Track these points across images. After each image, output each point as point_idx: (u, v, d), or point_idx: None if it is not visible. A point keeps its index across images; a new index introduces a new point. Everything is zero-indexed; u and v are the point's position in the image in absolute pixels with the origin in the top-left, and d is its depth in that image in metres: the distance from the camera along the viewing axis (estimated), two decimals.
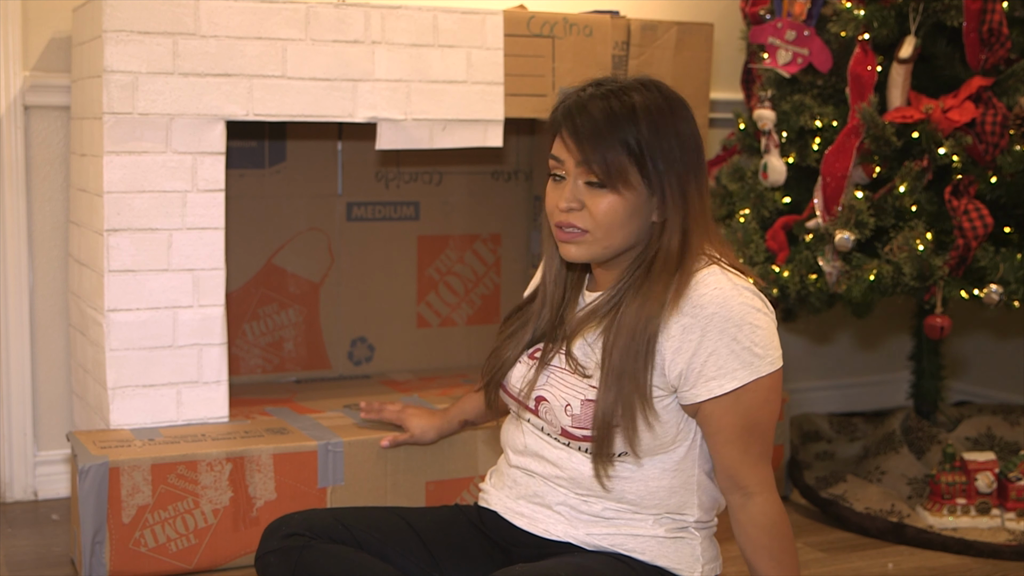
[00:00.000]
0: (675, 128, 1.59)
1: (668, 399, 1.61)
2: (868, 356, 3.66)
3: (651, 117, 1.57)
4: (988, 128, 2.47)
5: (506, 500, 1.74)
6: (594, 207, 1.59)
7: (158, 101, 2.28)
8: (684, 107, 1.62)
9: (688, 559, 1.66)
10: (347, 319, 2.97)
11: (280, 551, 1.72)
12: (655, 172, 1.57)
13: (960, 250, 2.44)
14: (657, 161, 1.57)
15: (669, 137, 1.58)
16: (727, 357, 1.55)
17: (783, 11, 2.74)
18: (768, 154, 2.72)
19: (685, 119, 1.61)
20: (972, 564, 2.40)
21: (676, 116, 1.60)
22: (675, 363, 1.57)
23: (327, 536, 1.73)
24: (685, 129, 1.60)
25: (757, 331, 1.56)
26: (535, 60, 2.57)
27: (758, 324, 1.57)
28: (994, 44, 2.51)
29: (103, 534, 2.13)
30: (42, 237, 2.69)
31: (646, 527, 1.65)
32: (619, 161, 1.57)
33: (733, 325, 1.55)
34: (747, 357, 1.56)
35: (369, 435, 2.34)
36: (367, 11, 2.41)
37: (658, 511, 1.65)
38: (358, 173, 2.95)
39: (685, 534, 1.66)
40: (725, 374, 1.56)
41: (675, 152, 1.58)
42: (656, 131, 1.57)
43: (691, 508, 1.66)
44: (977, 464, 2.57)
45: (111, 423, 2.31)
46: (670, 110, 1.60)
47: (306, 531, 1.73)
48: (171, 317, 2.34)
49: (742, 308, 1.56)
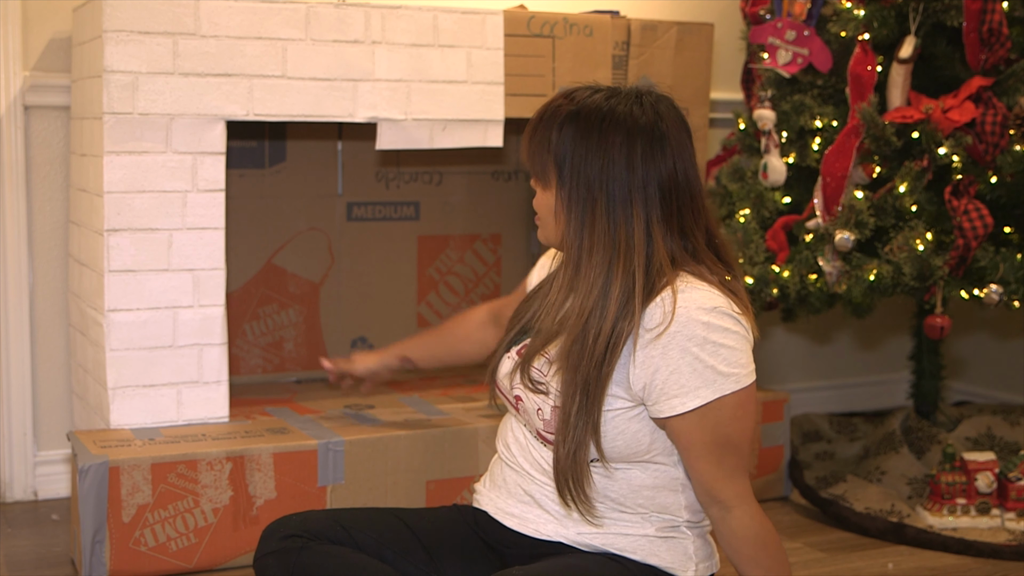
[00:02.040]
0: (607, 145, 1.55)
1: (637, 410, 1.59)
2: (868, 356, 3.66)
3: (581, 126, 1.57)
4: (988, 128, 2.47)
5: (496, 500, 1.74)
6: (536, 196, 1.65)
7: (158, 101, 2.28)
8: (645, 132, 1.56)
9: (681, 558, 1.65)
10: (347, 319, 2.97)
11: (278, 552, 1.72)
12: (569, 179, 1.57)
13: (960, 250, 2.44)
14: (567, 170, 1.57)
15: (593, 151, 1.56)
16: (689, 375, 1.53)
17: (783, 11, 2.74)
18: (768, 154, 2.72)
19: (631, 142, 1.55)
20: (972, 564, 2.40)
21: (616, 135, 1.55)
22: (639, 378, 1.55)
23: (325, 537, 1.73)
24: (623, 152, 1.55)
25: (721, 349, 1.53)
26: (535, 60, 2.58)
27: (723, 342, 1.53)
28: (994, 44, 2.51)
29: (103, 533, 2.13)
30: (42, 237, 2.69)
31: (636, 526, 1.64)
32: (540, 160, 1.60)
33: (695, 344, 1.52)
34: (710, 376, 1.53)
35: (370, 435, 2.34)
36: (367, 11, 2.41)
37: (645, 510, 1.64)
38: (358, 173, 2.95)
39: (676, 533, 1.65)
40: (687, 392, 1.53)
41: (595, 167, 1.56)
42: (578, 140, 1.56)
43: (678, 509, 1.65)
44: (977, 464, 2.57)
45: (111, 423, 2.32)
46: (613, 126, 1.55)
47: (304, 532, 1.73)
48: (171, 317, 2.34)
49: (705, 327, 1.53)
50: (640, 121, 1.56)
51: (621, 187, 1.55)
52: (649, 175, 1.55)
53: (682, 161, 1.58)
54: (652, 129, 1.56)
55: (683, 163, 1.58)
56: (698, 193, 1.60)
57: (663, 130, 1.56)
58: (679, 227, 1.58)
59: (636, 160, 1.55)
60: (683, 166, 1.58)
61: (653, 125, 1.56)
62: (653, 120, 1.56)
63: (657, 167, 1.55)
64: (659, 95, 1.61)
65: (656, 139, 1.55)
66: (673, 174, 1.56)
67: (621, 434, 1.59)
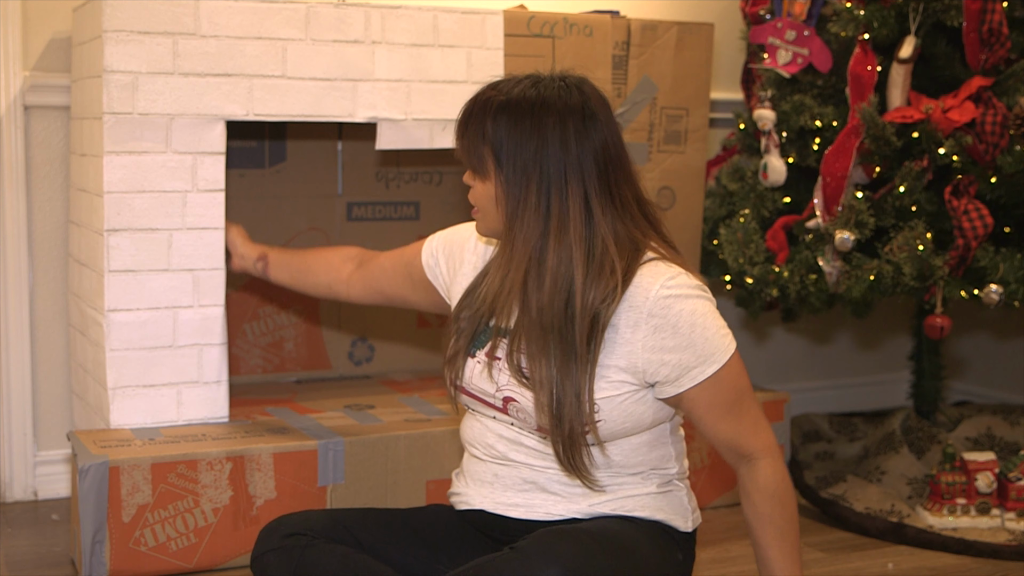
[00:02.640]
0: (541, 129, 1.61)
1: (642, 392, 1.65)
2: (868, 356, 3.66)
3: (514, 113, 1.62)
4: (988, 128, 2.47)
5: (492, 496, 1.74)
6: (472, 190, 1.70)
7: (158, 101, 2.28)
8: (576, 112, 1.62)
9: (680, 510, 1.74)
10: (347, 319, 2.97)
11: (281, 550, 1.72)
12: (507, 165, 1.62)
13: (960, 250, 2.44)
14: (504, 157, 1.62)
15: (528, 136, 1.61)
16: (702, 346, 1.62)
17: (783, 11, 2.74)
18: (768, 154, 2.72)
19: (562, 122, 1.61)
20: (972, 564, 2.40)
21: (549, 117, 1.61)
22: (647, 361, 1.62)
23: (327, 536, 1.73)
24: (556, 132, 1.61)
25: (712, 320, 1.63)
26: (535, 60, 2.57)
27: (711, 314, 1.63)
28: (994, 44, 2.51)
29: (103, 533, 2.13)
30: (42, 237, 2.69)
31: (639, 487, 1.70)
32: (476, 152, 1.65)
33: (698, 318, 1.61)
34: (715, 342, 1.62)
35: (370, 435, 2.34)
36: (367, 11, 2.41)
37: (644, 467, 1.70)
38: (358, 173, 2.95)
39: (671, 487, 1.74)
40: (701, 362, 1.62)
41: (530, 150, 1.61)
42: (511, 128, 1.61)
43: (669, 460, 1.73)
44: (977, 464, 2.57)
45: (111, 423, 2.32)
46: (545, 110, 1.61)
47: (306, 531, 1.73)
48: (171, 317, 2.34)
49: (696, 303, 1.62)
50: (569, 102, 1.62)
51: (556, 165, 1.61)
52: (584, 152, 1.62)
53: (612, 135, 1.65)
54: (582, 108, 1.63)
55: (613, 137, 1.65)
56: (627, 164, 1.68)
57: (592, 108, 1.63)
58: (619, 198, 1.65)
59: (570, 139, 1.61)
60: (613, 140, 1.65)
61: (582, 104, 1.63)
62: (581, 100, 1.63)
63: (592, 143, 1.62)
64: (579, 77, 1.68)
65: (587, 117, 1.63)
66: (606, 147, 1.64)
67: (629, 416, 1.65)
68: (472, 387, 1.72)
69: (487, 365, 1.69)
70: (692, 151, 2.76)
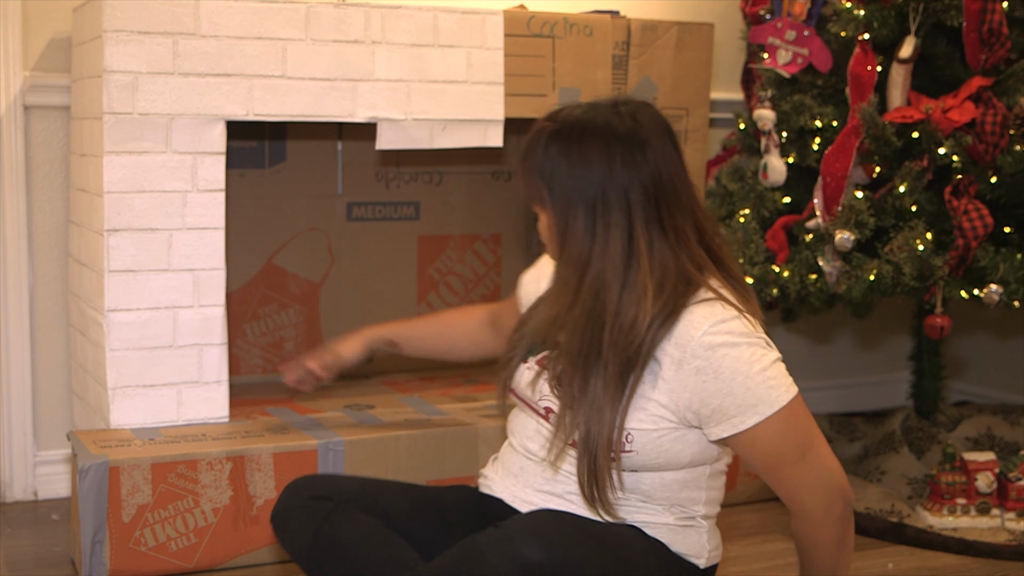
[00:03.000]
0: (587, 157, 1.58)
1: (682, 431, 1.62)
2: (868, 356, 3.66)
3: (562, 142, 1.60)
4: (988, 128, 2.47)
5: (513, 489, 1.74)
6: (539, 222, 1.68)
7: (158, 101, 2.28)
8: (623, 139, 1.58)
9: (696, 546, 1.69)
10: (347, 319, 2.97)
11: (305, 510, 1.71)
12: (556, 194, 1.60)
13: (960, 250, 2.44)
14: (555, 185, 1.60)
15: (576, 165, 1.59)
16: (743, 394, 1.56)
17: (783, 11, 2.74)
18: (768, 154, 2.72)
19: (611, 150, 1.58)
20: (972, 564, 2.40)
21: (595, 144, 1.58)
22: (688, 401, 1.58)
23: (354, 504, 1.72)
24: (602, 160, 1.57)
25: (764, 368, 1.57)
26: (535, 60, 2.57)
27: (761, 360, 1.57)
28: (994, 44, 2.51)
29: (103, 533, 2.13)
30: (42, 237, 2.69)
31: (656, 515, 1.66)
32: (533, 183, 1.63)
33: (742, 363, 1.56)
34: (762, 392, 1.56)
35: (370, 435, 2.34)
36: (367, 11, 2.41)
37: (668, 503, 1.66)
38: (358, 173, 2.95)
39: (693, 523, 1.69)
40: (748, 408, 1.57)
41: (575, 178, 1.59)
42: (560, 157, 1.59)
43: (699, 504, 1.69)
44: (977, 464, 2.57)
45: (111, 423, 2.32)
46: (591, 137, 1.58)
47: (333, 495, 1.73)
48: (171, 317, 2.34)
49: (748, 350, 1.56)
50: (619, 129, 1.59)
51: (611, 195, 1.57)
52: (631, 180, 1.58)
53: (663, 164, 1.60)
54: (631, 135, 1.59)
55: (665, 165, 1.60)
56: (684, 193, 1.62)
57: (642, 136, 1.59)
58: (672, 229, 1.60)
59: (616, 167, 1.57)
60: (666, 168, 1.60)
61: (632, 132, 1.59)
62: (632, 127, 1.59)
63: (639, 172, 1.58)
64: (638, 103, 1.64)
65: (635, 144, 1.58)
66: (658, 176, 1.59)
67: (664, 452, 1.61)
68: (520, 391, 1.74)
69: (536, 373, 1.70)
70: (692, 151, 2.76)
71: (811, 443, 1.61)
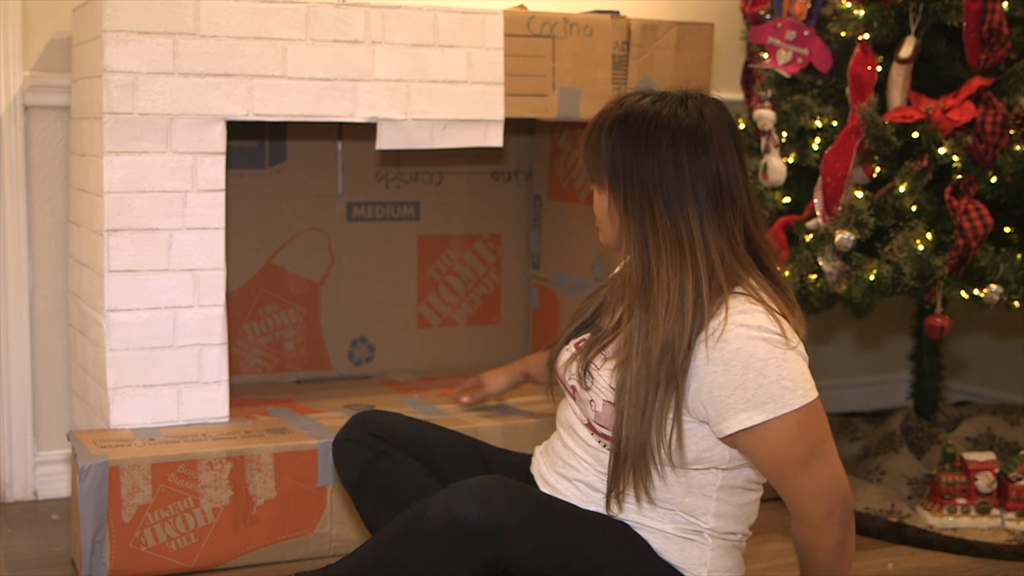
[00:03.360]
0: (654, 147, 1.59)
1: (691, 424, 1.61)
2: (868, 356, 3.65)
3: (628, 129, 1.61)
4: (988, 128, 2.47)
5: (542, 466, 1.79)
6: (594, 201, 1.71)
7: (158, 101, 2.28)
8: (689, 133, 1.59)
9: (693, 561, 1.66)
10: (347, 319, 2.97)
11: (360, 443, 1.82)
12: (621, 182, 1.62)
13: (960, 250, 2.44)
14: (617, 170, 1.62)
15: (641, 153, 1.60)
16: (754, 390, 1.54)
17: (783, 11, 2.74)
18: (768, 154, 2.72)
19: (676, 143, 1.59)
20: (972, 564, 2.40)
21: (663, 136, 1.59)
22: (698, 392, 1.57)
23: (408, 449, 1.82)
24: (669, 153, 1.59)
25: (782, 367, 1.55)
26: (535, 60, 2.57)
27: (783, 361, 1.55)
28: (994, 44, 2.51)
29: (103, 533, 2.13)
30: (42, 237, 2.69)
31: (654, 521, 1.65)
32: (594, 164, 1.65)
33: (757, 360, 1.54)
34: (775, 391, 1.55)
35: None
36: (367, 11, 2.41)
37: (671, 507, 1.65)
38: (358, 173, 2.95)
39: (696, 537, 1.66)
40: (755, 406, 1.55)
41: (645, 168, 1.60)
42: (626, 143, 1.61)
43: (706, 515, 1.65)
44: (977, 464, 2.57)
45: (111, 423, 2.32)
46: (659, 128, 1.59)
47: (389, 436, 1.82)
48: (171, 317, 2.34)
49: (764, 346, 1.55)
50: (684, 123, 1.60)
51: (674, 186, 1.59)
52: (696, 175, 1.59)
53: (724, 163, 1.61)
54: (696, 130, 1.60)
55: (725, 165, 1.61)
56: (739, 195, 1.62)
57: (706, 132, 1.60)
58: (726, 229, 1.61)
59: (683, 160, 1.59)
60: (725, 168, 1.61)
61: (697, 127, 1.60)
62: (697, 122, 1.60)
63: (702, 168, 1.59)
64: (706, 98, 1.65)
65: (700, 140, 1.59)
66: (717, 175, 1.60)
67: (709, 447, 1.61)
68: (559, 370, 1.77)
69: (572, 355, 1.73)
70: None
71: (821, 449, 1.59)
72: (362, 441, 1.83)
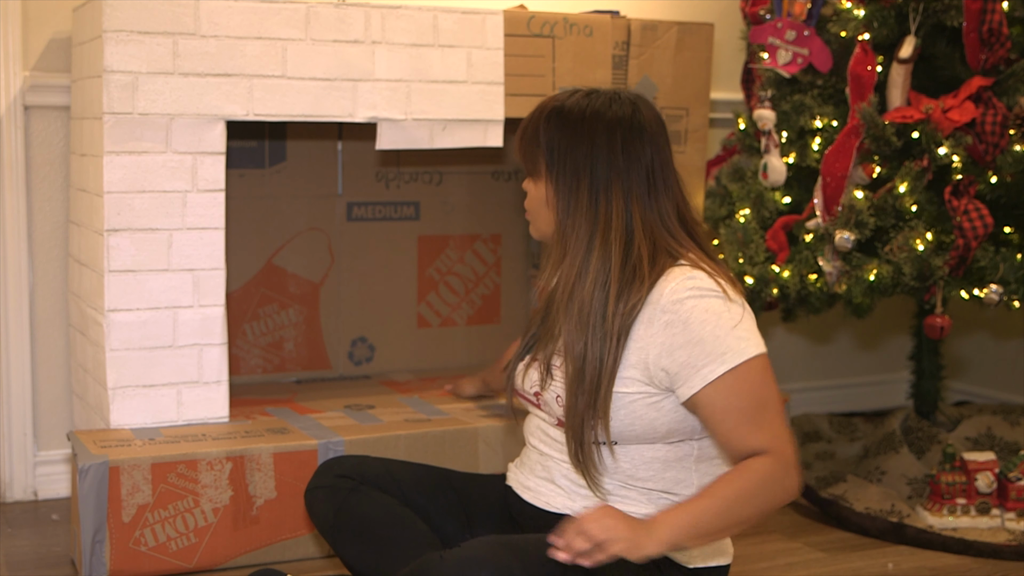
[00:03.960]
0: (591, 134, 1.67)
1: (657, 397, 1.64)
2: (868, 356, 3.66)
3: (566, 119, 1.69)
4: (988, 128, 2.47)
5: (519, 476, 1.83)
6: (528, 195, 1.78)
7: (158, 101, 2.28)
8: (624, 123, 1.68)
9: None
10: (347, 319, 2.97)
11: (330, 488, 1.85)
12: (558, 166, 1.69)
13: (960, 250, 2.44)
14: (556, 159, 1.69)
15: (578, 140, 1.68)
16: (712, 344, 1.59)
17: (783, 11, 2.74)
18: (768, 154, 2.72)
19: (612, 131, 1.67)
20: (972, 564, 2.40)
21: (599, 124, 1.68)
22: (657, 360, 1.62)
23: (376, 484, 1.85)
24: (604, 139, 1.67)
25: (732, 321, 1.61)
26: (535, 60, 2.58)
27: (732, 314, 1.61)
28: (994, 44, 2.51)
29: (103, 533, 2.13)
30: (42, 237, 2.69)
31: (638, 505, 1.68)
32: (532, 152, 1.73)
33: (711, 316, 1.60)
34: (730, 341, 1.59)
35: (370, 435, 2.34)
36: (367, 11, 2.41)
37: (654, 486, 1.68)
38: (358, 173, 2.95)
39: None
40: (713, 359, 1.59)
41: (580, 152, 1.68)
42: (563, 131, 1.69)
43: (689, 489, 1.69)
44: (977, 464, 2.57)
45: (111, 423, 2.32)
46: (595, 118, 1.68)
47: (357, 475, 1.86)
48: (171, 317, 2.34)
49: (717, 302, 1.61)
50: (619, 113, 1.69)
51: (604, 170, 1.67)
52: (631, 161, 1.67)
53: (657, 150, 1.70)
54: (631, 120, 1.69)
55: (658, 152, 1.70)
56: (671, 180, 1.71)
57: (640, 121, 1.69)
58: (658, 211, 1.69)
59: (617, 147, 1.67)
60: (658, 155, 1.70)
61: (632, 117, 1.70)
62: (631, 112, 1.70)
63: (636, 154, 1.68)
64: (635, 94, 1.75)
65: (634, 129, 1.68)
66: (651, 161, 1.69)
67: (639, 419, 1.65)
68: (520, 386, 1.81)
69: (527, 364, 1.78)
70: (692, 151, 2.76)
71: (772, 403, 1.62)
72: (331, 485, 1.87)
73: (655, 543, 1.51)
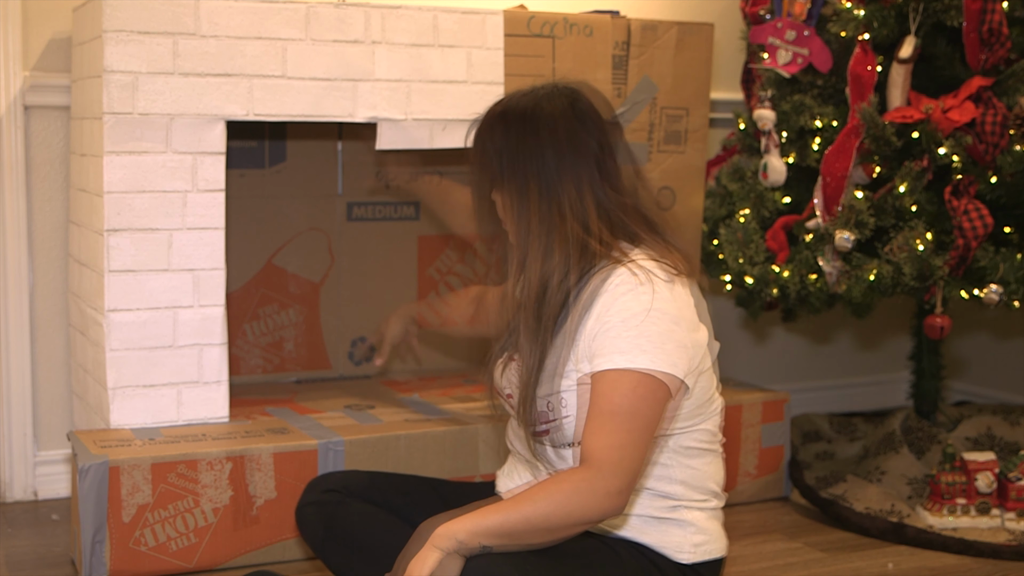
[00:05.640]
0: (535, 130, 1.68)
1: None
2: (868, 356, 3.66)
3: (508, 121, 1.70)
4: (988, 128, 2.47)
5: (507, 482, 1.84)
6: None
7: (158, 101, 2.28)
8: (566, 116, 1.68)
9: (673, 541, 1.69)
10: (347, 319, 2.97)
11: (318, 504, 1.88)
12: (508, 173, 1.70)
13: (960, 250, 2.44)
14: (505, 164, 1.70)
15: (523, 142, 1.68)
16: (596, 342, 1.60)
17: (783, 11, 2.74)
18: (768, 154, 2.72)
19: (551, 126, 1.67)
20: (972, 564, 2.40)
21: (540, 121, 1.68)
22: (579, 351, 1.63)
23: (362, 496, 1.88)
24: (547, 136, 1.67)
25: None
26: (535, 60, 2.57)
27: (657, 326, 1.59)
28: (994, 44, 2.51)
29: (103, 533, 2.13)
30: (42, 237, 2.69)
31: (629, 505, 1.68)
32: (484, 162, 1.74)
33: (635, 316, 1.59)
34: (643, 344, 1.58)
35: (370, 435, 2.34)
36: (367, 11, 2.41)
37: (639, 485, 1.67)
38: (358, 173, 2.95)
39: (673, 514, 1.69)
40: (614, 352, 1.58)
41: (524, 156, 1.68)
42: (507, 134, 1.70)
43: (672, 483, 1.68)
44: (977, 464, 2.57)
45: (111, 423, 2.32)
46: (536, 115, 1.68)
47: (343, 489, 1.88)
48: (171, 317, 2.34)
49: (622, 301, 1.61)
50: (560, 106, 1.70)
51: (551, 169, 1.67)
52: (578, 152, 1.67)
53: (602, 137, 1.71)
54: (571, 111, 1.69)
55: (603, 139, 1.71)
56: (618, 166, 1.72)
57: (582, 111, 1.69)
58: (611, 196, 1.69)
59: (562, 141, 1.67)
60: (604, 141, 1.71)
61: (571, 107, 1.70)
62: (570, 104, 1.71)
63: (583, 143, 1.68)
64: (576, 83, 1.76)
65: (577, 119, 1.69)
66: (598, 149, 1.69)
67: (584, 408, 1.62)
68: (501, 388, 1.81)
69: (506, 362, 1.79)
70: (692, 151, 2.76)
71: (628, 419, 1.54)
72: (318, 501, 1.89)
73: (430, 548, 1.51)
